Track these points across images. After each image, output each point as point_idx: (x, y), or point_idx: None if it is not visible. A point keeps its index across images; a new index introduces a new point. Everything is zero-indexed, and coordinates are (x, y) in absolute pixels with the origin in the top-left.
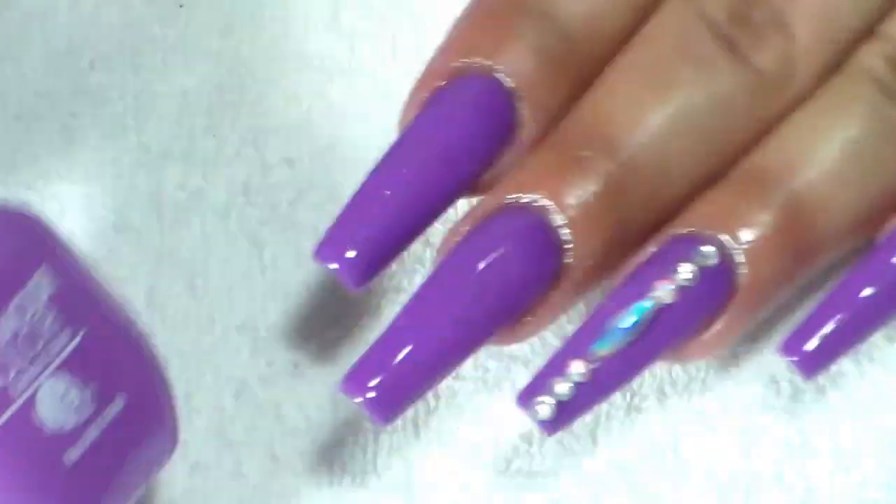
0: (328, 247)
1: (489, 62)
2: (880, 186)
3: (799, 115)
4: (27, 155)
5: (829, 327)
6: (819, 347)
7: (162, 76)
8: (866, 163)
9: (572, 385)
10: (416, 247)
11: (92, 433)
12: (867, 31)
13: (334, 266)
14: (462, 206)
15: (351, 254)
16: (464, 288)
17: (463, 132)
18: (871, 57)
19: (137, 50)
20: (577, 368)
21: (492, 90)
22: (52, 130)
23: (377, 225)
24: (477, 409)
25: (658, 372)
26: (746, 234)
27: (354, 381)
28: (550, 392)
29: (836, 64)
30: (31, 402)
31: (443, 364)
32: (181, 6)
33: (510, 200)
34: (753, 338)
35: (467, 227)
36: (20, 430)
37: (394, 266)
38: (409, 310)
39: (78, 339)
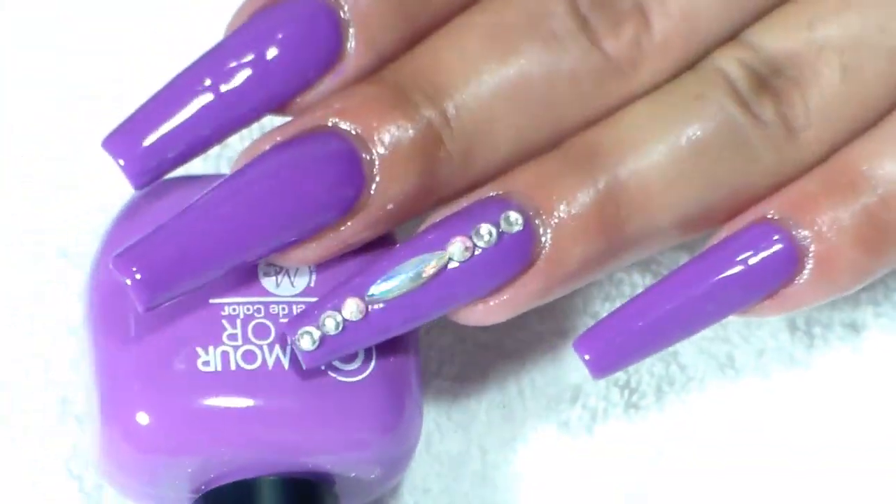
0: (118, 137)
1: None
2: (713, 190)
3: (643, 104)
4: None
5: (624, 331)
6: (610, 349)
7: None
8: (701, 164)
9: (341, 321)
10: None
11: None
12: (729, 37)
13: (120, 160)
14: None
15: (144, 145)
16: (260, 193)
17: (280, 48)
18: (727, 60)
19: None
20: (351, 307)
21: (320, 13)
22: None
23: (173, 124)
24: (477, 411)
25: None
26: (559, 208)
27: (123, 260)
28: (318, 325)
29: (689, 62)
30: None
31: (215, 264)
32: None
33: (326, 123)
34: None
35: (277, 139)
36: None
37: None
38: (199, 202)
39: None
